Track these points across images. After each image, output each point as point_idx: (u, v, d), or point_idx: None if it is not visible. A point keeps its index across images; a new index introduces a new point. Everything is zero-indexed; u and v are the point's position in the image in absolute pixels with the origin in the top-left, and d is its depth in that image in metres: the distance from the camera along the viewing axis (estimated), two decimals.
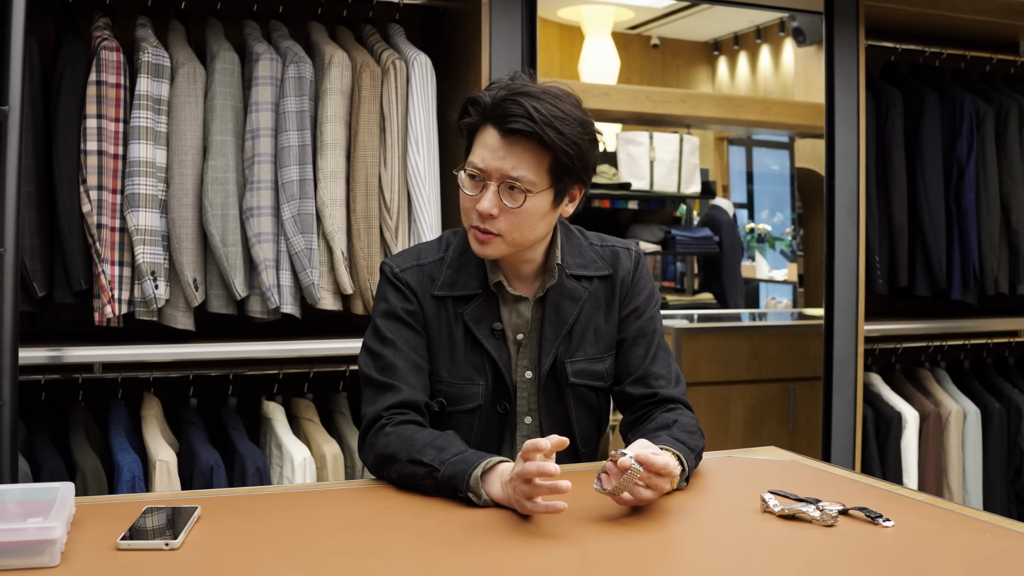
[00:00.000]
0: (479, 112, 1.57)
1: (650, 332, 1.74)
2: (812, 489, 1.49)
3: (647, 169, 3.91)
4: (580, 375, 1.70)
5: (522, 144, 1.54)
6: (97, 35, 2.41)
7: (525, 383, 1.70)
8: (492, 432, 1.71)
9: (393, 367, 1.63)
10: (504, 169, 1.55)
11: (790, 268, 3.95)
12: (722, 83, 4.37)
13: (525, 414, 1.71)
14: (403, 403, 1.60)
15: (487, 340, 1.66)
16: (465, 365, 1.67)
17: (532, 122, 1.51)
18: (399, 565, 1.19)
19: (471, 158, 1.58)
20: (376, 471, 1.60)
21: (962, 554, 1.24)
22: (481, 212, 1.56)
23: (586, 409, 1.73)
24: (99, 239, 2.37)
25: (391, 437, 1.55)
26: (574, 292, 1.70)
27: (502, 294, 1.69)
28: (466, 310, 1.67)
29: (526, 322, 1.69)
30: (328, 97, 2.53)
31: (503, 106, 1.53)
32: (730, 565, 1.21)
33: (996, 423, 3.43)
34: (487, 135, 1.56)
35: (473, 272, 1.68)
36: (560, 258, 1.70)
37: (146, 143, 2.39)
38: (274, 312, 2.53)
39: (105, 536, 1.25)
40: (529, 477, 1.32)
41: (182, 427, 2.55)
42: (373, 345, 1.66)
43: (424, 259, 1.70)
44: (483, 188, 1.57)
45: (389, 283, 1.69)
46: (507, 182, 1.55)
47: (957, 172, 3.38)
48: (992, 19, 3.32)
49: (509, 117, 1.53)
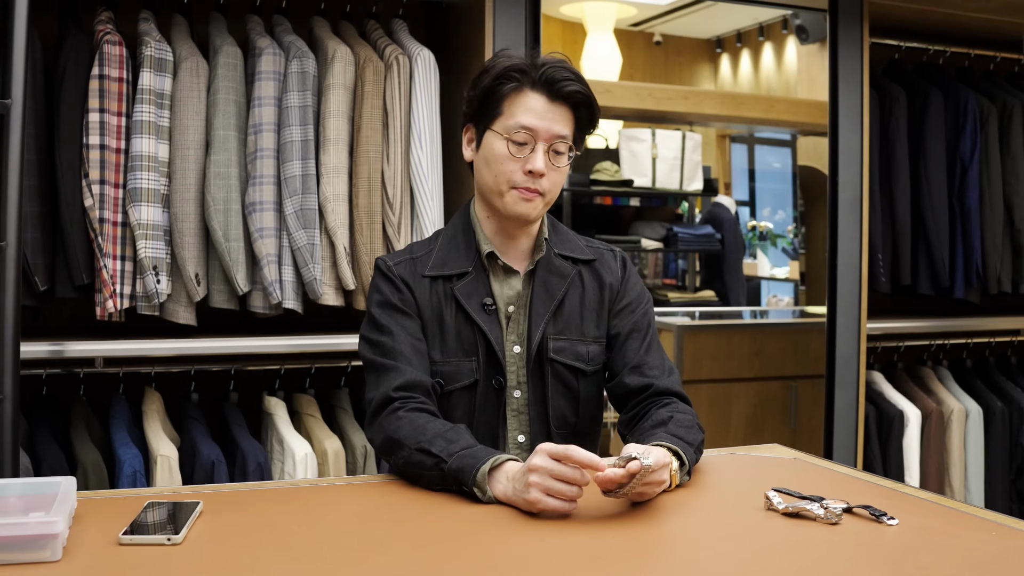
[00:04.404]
0: (525, 78, 1.66)
1: (645, 326, 1.79)
2: (816, 487, 1.48)
3: (649, 166, 3.91)
4: (560, 352, 1.73)
5: (563, 107, 1.67)
6: (100, 29, 2.40)
7: (513, 357, 1.73)
8: (491, 408, 1.72)
9: (395, 351, 1.66)
10: (555, 130, 1.66)
11: (791, 266, 3.95)
12: (725, 80, 4.36)
13: (515, 388, 1.73)
14: (410, 384, 1.62)
15: (478, 315, 1.70)
16: (457, 342, 1.70)
17: (583, 86, 1.67)
18: (402, 560, 1.18)
19: (518, 120, 1.65)
20: (383, 453, 1.61)
21: (967, 553, 1.23)
22: (535, 171, 1.65)
23: (564, 389, 1.74)
24: (101, 233, 2.37)
25: (403, 422, 1.56)
26: (562, 269, 1.76)
27: (493, 269, 1.73)
28: (457, 286, 1.71)
29: (517, 294, 1.74)
30: (331, 92, 2.53)
31: (550, 72, 1.65)
32: (734, 563, 1.21)
33: (998, 422, 3.43)
34: (530, 99, 1.66)
35: (463, 251, 1.74)
36: (547, 235, 1.77)
37: (148, 137, 2.38)
38: (276, 307, 2.53)
39: (107, 531, 1.25)
40: (560, 477, 1.34)
41: (183, 422, 2.55)
42: (371, 334, 1.70)
43: (415, 253, 1.77)
44: (531, 149, 1.65)
45: (382, 275, 1.73)
46: (555, 142, 1.66)
47: (960, 170, 3.37)
48: (996, 17, 3.32)
49: (560, 82, 1.65)
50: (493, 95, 1.67)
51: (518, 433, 1.74)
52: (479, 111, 1.70)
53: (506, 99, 1.67)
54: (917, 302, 3.67)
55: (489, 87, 1.68)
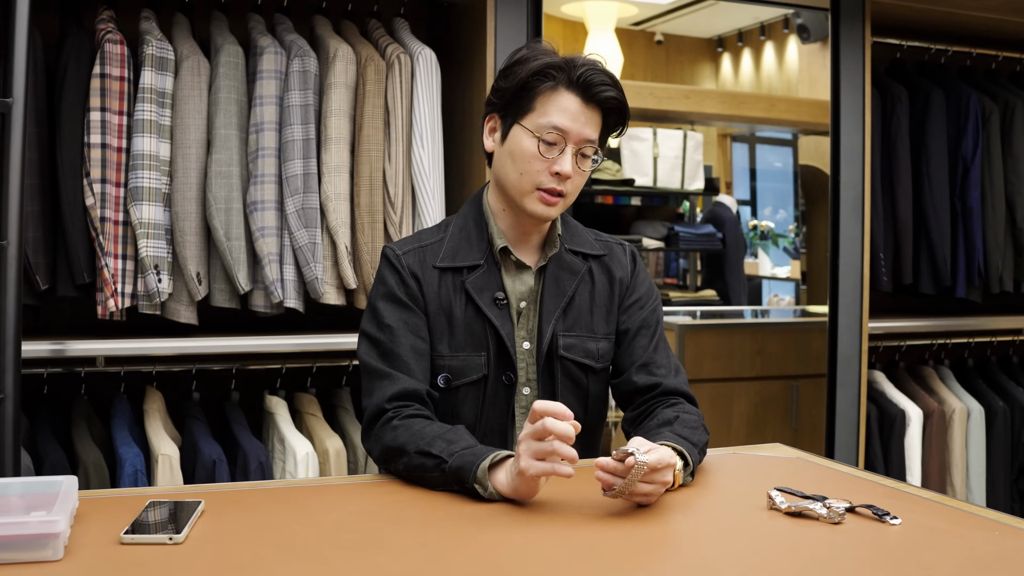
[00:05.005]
0: (562, 76, 1.62)
1: (653, 323, 1.77)
2: (818, 486, 1.48)
3: (650, 165, 3.91)
4: (570, 349, 1.72)
5: (596, 111, 1.64)
6: (101, 28, 2.40)
7: (523, 354, 1.71)
8: (500, 405, 1.71)
9: (393, 354, 1.63)
10: (585, 134, 1.63)
11: (792, 265, 3.95)
12: (726, 79, 4.36)
13: (524, 385, 1.72)
14: (404, 393, 1.60)
15: (489, 309, 1.68)
16: (466, 336, 1.68)
17: (619, 92, 1.65)
18: (404, 559, 1.18)
19: (550, 120, 1.62)
20: (383, 463, 1.60)
21: (971, 552, 1.23)
22: (562, 173, 1.62)
23: (573, 386, 1.73)
24: (102, 232, 2.37)
25: (399, 430, 1.55)
26: (573, 266, 1.74)
27: (505, 263, 1.71)
28: (468, 279, 1.68)
29: (529, 289, 1.72)
30: (332, 91, 2.53)
31: (588, 75, 1.62)
32: (737, 562, 1.21)
33: (1000, 421, 3.43)
34: (564, 99, 1.62)
35: (475, 244, 1.71)
36: (559, 231, 1.75)
37: (150, 136, 2.38)
38: (277, 306, 2.53)
39: (108, 530, 1.24)
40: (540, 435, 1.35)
41: (185, 421, 2.55)
42: (372, 331, 1.67)
43: (425, 241, 1.73)
44: (560, 151, 1.62)
45: (389, 265, 1.70)
46: (583, 146, 1.64)
47: (962, 170, 3.37)
48: (998, 16, 3.31)
49: (598, 86, 1.62)
50: (527, 90, 1.63)
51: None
52: (510, 103, 1.65)
53: (540, 96, 1.62)
54: (919, 301, 3.67)
55: (525, 81, 1.63)
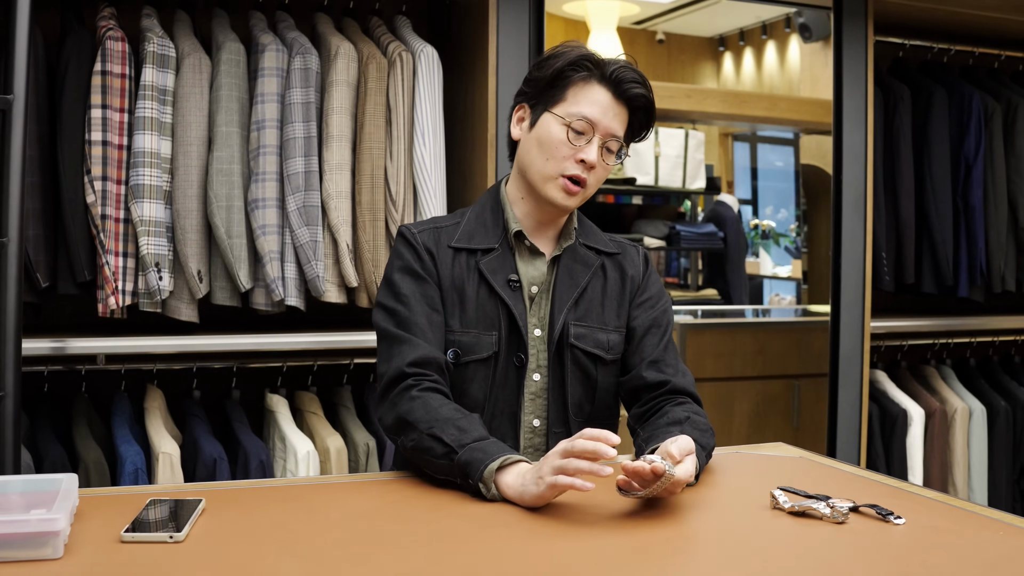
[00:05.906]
0: (596, 70, 1.68)
1: (664, 324, 1.78)
2: (821, 486, 1.48)
3: (652, 164, 3.90)
4: (581, 339, 1.73)
5: (624, 108, 1.69)
6: (102, 25, 2.40)
7: (535, 340, 1.72)
8: (511, 387, 1.71)
9: (410, 322, 1.65)
10: (612, 128, 1.68)
11: (794, 264, 3.94)
12: (727, 79, 4.35)
13: (534, 371, 1.73)
14: (423, 359, 1.61)
15: (503, 290, 1.70)
16: (478, 314, 1.69)
17: (648, 91, 1.70)
18: (404, 558, 1.18)
19: (580, 109, 1.66)
20: (392, 433, 1.60)
21: (974, 552, 1.23)
22: (588, 162, 1.66)
23: (582, 376, 1.74)
24: (103, 230, 2.36)
25: (416, 403, 1.55)
26: (586, 258, 1.77)
27: (519, 248, 1.74)
28: (482, 260, 1.71)
29: (542, 275, 1.74)
30: (334, 89, 2.52)
31: (621, 72, 1.67)
32: (741, 561, 1.20)
33: (1001, 421, 3.42)
34: (596, 91, 1.67)
35: (491, 229, 1.74)
36: (575, 225, 1.78)
37: (151, 134, 2.38)
38: (278, 304, 2.52)
39: (109, 528, 1.24)
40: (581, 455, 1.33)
41: (185, 419, 2.55)
42: (388, 302, 1.69)
43: (440, 224, 1.77)
44: (588, 141, 1.67)
45: (405, 241, 1.73)
46: (609, 140, 1.68)
47: (965, 169, 3.36)
48: (1001, 15, 3.31)
49: (629, 83, 1.67)
50: (561, 79, 1.68)
51: (533, 417, 1.73)
52: (543, 92, 1.70)
53: (573, 86, 1.67)
54: (921, 301, 3.66)
55: (560, 70, 1.68)
